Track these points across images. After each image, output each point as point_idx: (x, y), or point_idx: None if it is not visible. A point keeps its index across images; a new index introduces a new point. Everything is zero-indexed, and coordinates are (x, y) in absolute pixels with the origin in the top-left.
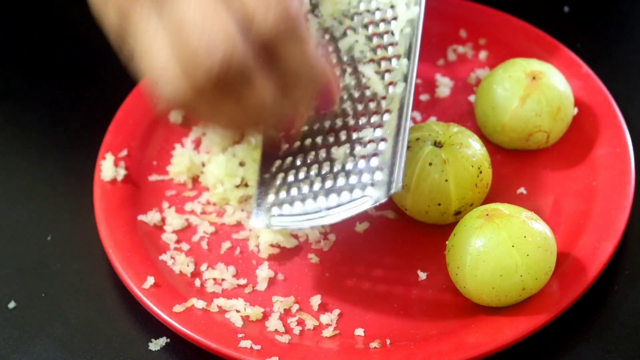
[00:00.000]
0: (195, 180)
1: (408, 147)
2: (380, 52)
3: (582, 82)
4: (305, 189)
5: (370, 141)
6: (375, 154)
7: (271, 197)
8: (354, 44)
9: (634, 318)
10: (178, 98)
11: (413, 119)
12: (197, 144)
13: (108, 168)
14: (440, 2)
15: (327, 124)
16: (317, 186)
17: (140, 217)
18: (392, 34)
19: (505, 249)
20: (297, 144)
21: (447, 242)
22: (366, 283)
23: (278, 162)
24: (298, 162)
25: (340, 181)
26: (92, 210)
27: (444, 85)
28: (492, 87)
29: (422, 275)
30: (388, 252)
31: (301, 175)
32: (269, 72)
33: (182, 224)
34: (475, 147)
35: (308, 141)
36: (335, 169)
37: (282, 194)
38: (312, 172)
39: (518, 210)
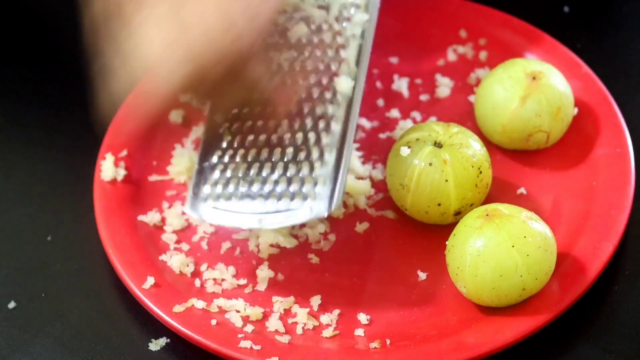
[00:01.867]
0: None
1: (408, 146)
2: (330, 52)
3: (582, 82)
4: (244, 187)
5: (313, 148)
6: (314, 164)
7: (208, 188)
8: (305, 40)
9: (634, 318)
10: (179, 84)
11: (413, 119)
12: (197, 144)
13: (108, 168)
14: (440, 2)
15: (272, 124)
16: (255, 187)
17: (140, 217)
18: (342, 37)
19: (505, 249)
20: (238, 138)
21: (447, 242)
22: (366, 283)
23: (219, 153)
24: (238, 158)
25: (280, 186)
26: (92, 210)
27: (444, 85)
28: (492, 87)
29: (422, 275)
30: (388, 252)
31: (241, 172)
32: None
33: (182, 224)
34: (475, 147)
35: (250, 138)
36: (275, 173)
37: (219, 188)
38: (252, 171)
39: (518, 210)
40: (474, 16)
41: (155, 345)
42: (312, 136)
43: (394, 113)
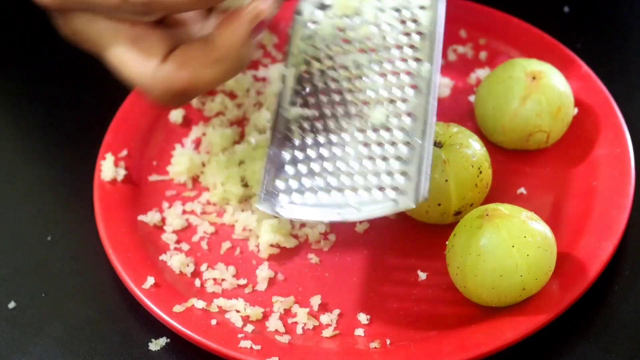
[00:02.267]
0: (195, 180)
1: None
2: (399, 54)
3: (582, 82)
4: (319, 181)
5: (392, 143)
6: (396, 157)
7: (281, 184)
8: (374, 41)
9: (634, 318)
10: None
11: None
12: (197, 144)
13: (108, 168)
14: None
15: (345, 120)
16: (332, 180)
17: (140, 217)
18: (412, 36)
19: (505, 249)
20: (312, 137)
21: (447, 242)
22: (366, 283)
23: (290, 151)
24: (312, 154)
25: (358, 180)
26: (92, 210)
27: (444, 85)
28: (492, 87)
29: (422, 275)
30: (388, 252)
31: (315, 167)
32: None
33: (182, 224)
34: (475, 147)
35: (323, 135)
36: (353, 167)
37: (293, 183)
38: (328, 167)
39: (518, 210)
40: (474, 16)
41: (155, 345)
42: (390, 132)
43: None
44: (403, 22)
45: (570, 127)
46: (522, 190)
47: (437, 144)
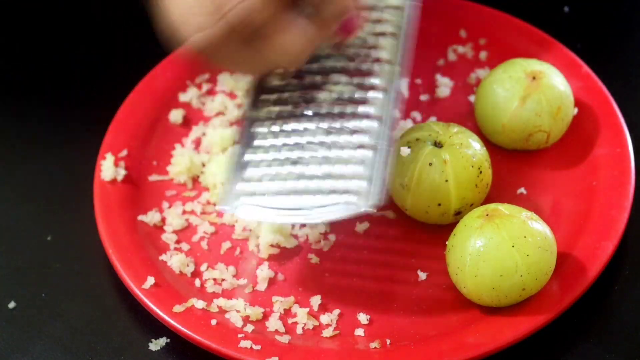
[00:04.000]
0: (195, 180)
1: (408, 146)
2: (365, 53)
3: (582, 82)
4: (278, 184)
5: (350, 145)
6: (354, 160)
7: (242, 185)
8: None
9: (634, 318)
10: (203, 43)
11: (413, 119)
12: (197, 144)
13: (108, 168)
14: (440, 2)
15: (305, 121)
16: (291, 183)
17: (140, 217)
18: (377, 36)
19: (505, 249)
20: (272, 137)
21: (447, 242)
22: (366, 283)
23: (253, 149)
24: (274, 155)
25: (315, 183)
26: (92, 210)
27: (444, 85)
28: (492, 87)
29: (422, 275)
30: (388, 252)
31: (276, 169)
32: (290, 16)
33: (182, 224)
34: (475, 147)
35: (284, 136)
36: (310, 170)
37: (254, 184)
38: (289, 168)
39: (518, 210)
40: (474, 16)
41: (155, 345)
42: (349, 133)
43: (394, 113)
44: (374, 22)
45: (570, 127)
46: (522, 190)
47: (437, 144)
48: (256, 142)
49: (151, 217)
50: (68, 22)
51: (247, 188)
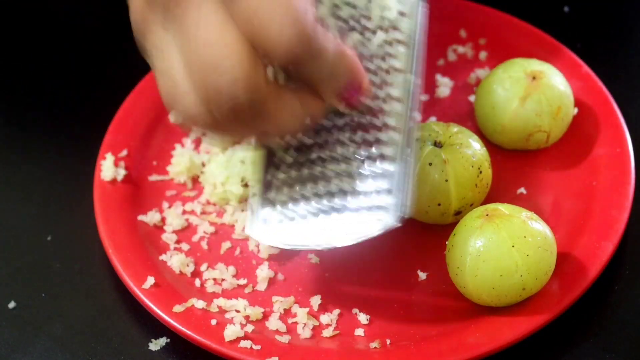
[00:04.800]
0: (195, 180)
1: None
2: (380, 64)
3: (582, 82)
4: (305, 206)
5: (372, 159)
6: (378, 175)
7: (268, 211)
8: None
9: (634, 318)
10: (194, 122)
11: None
12: (197, 144)
13: (108, 168)
14: (440, 2)
15: (321, 140)
16: (317, 204)
17: (140, 217)
18: (391, 45)
19: (505, 249)
20: (295, 156)
21: (447, 242)
22: (366, 283)
23: (276, 174)
24: (293, 174)
25: (345, 200)
26: (92, 210)
27: (444, 85)
28: (492, 87)
29: (422, 275)
30: (388, 252)
31: (300, 191)
32: (289, 91)
33: (182, 224)
34: (475, 147)
35: (309, 155)
36: (335, 188)
37: (280, 208)
38: (310, 189)
39: (518, 210)
40: (474, 16)
41: (155, 345)
42: (372, 147)
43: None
44: (384, 30)
45: (570, 127)
46: (522, 190)
47: (437, 144)
48: (274, 160)
49: (151, 217)
50: (68, 22)
51: (273, 213)
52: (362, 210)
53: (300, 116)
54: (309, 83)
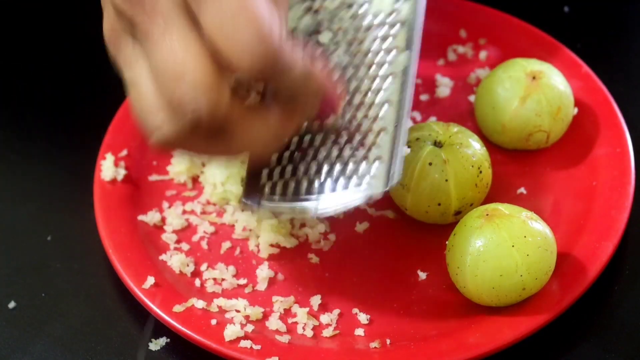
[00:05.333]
0: (195, 180)
1: (408, 146)
2: (377, 44)
3: (582, 82)
4: (300, 171)
5: (368, 132)
6: (371, 145)
7: (264, 177)
8: (350, 33)
9: (634, 318)
10: (163, 139)
11: (413, 119)
12: None
13: (108, 168)
14: (440, 2)
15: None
16: (312, 170)
17: (140, 217)
18: (391, 25)
19: (505, 249)
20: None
21: (447, 242)
22: (366, 283)
23: None
24: (292, 146)
25: (336, 169)
26: (92, 210)
27: (444, 85)
28: (492, 87)
29: (422, 275)
30: (388, 252)
31: (296, 158)
32: (256, 112)
33: (182, 224)
34: (475, 147)
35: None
36: (331, 156)
37: (275, 175)
38: (308, 157)
39: (518, 210)
40: (474, 16)
41: (155, 345)
42: (366, 121)
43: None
44: (386, 14)
45: (570, 127)
46: (522, 190)
47: (437, 144)
48: None
49: (151, 217)
50: (68, 22)
51: (267, 179)
52: (351, 179)
53: (266, 139)
54: (280, 100)
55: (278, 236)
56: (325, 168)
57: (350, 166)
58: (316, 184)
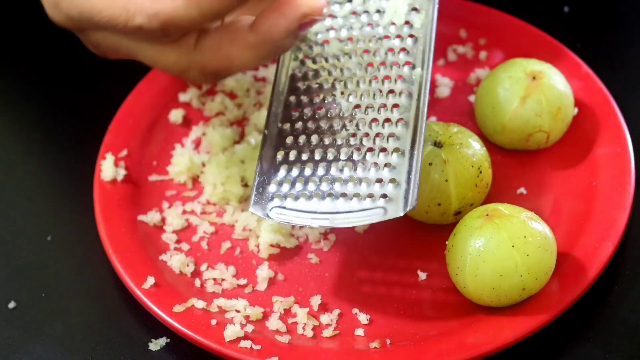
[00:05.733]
0: (195, 180)
1: None
2: (391, 58)
3: (582, 82)
4: (311, 186)
5: (382, 150)
6: (387, 165)
7: (273, 187)
8: (361, 43)
9: (634, 318)
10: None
11: None
12: (197, 144)
13: (108, 168)
14: (440, 2)
15: (337, 124)
16: (324, 186)
17: (140, 217)
18: (405, 37)
19: (505, 249)
20: (303, 137)
21: (447, 242)
22: (366, 283)
23: (282, 153)
24: (305, 157)
25: (350, 187)
26: (92, 210)
27: (444, 85)
28: (492, 87)
29: (422, 275)
30: (388, 252)
31: (307, 171)
32: None
33: (182, 224)
34: (475, 147)
35: (315, 138)
36: (344, 173)
37: (286, 187)
38: (320, 171)
39: (518, 210)
40: (474, 16)
41: (155, 345)
42: (380, 139)
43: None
44: (395, 25)
45: (570, 127)
46: (522, 190)
47: (437, 144)
48: (288, 141)
49: (151, 217)
50: None
51: (279, 190)
52: (366, 198)
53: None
54: None
55: (278, 236)
56: (338, 184)
57: (364, 186)
58: (329, 201)
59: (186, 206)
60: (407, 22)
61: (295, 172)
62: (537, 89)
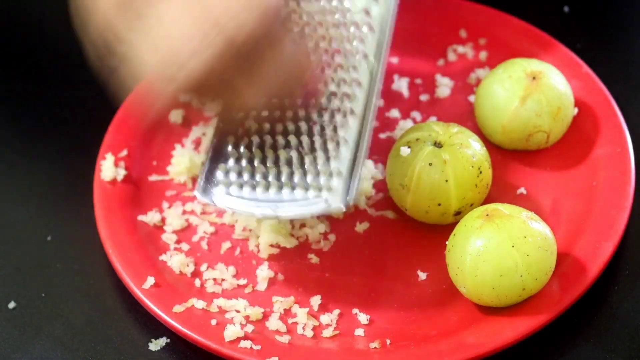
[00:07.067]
0: (195, 180)
1: (408, 146)
2: (346, 44)
3: (582, 82)
4: (257, 176)
5: (332, 140)
6: (332, 156)
7: (220, 175)
8: (318, 29)
9: (634, 318)
10: (202, 68)
11: (413, 119)
12: (197, 144)
13: (108, 168)
14: (440, 2)
15: (288, 114)
16: (270, 176)
17: (140, 217)
18: (361, 26)
19: (505, 249)
20: (255, 126)
21: (447, 242)
22: (366, 283)
23: (232, 140)
24: (253, 147)
25: (296, 177)
26: (92, 210)
27: (444, 85)
28: (492, 87)
29: (422, 275)
30: (388, 252)
31: (255, 161)
32: (249, 74)
33: (182, 224)
34: (475, 147)
35: (266, 126)
36: (291, 163)
37: (233, 175)
38: (267, 161)
39: (518, 210)
40: (474, 16)
41: (155, 345)
42: (329, 129)
43: (394, 113)
44: (352, 12)
45: (570, 127)
46: (522, 190)
47: (437, 144)
48: (236, 132)
49: (151, 217)
50: (68, 22)
51: (226, 178)
52: (310, 189)
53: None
54: (269, 75)
55: (278, 236)
56: (284, 174)
57: (310, 176)
58: (274, 189)
59: (186, 206)
60: (365, 11)
61: (243, 161)
62: (537, 89)
